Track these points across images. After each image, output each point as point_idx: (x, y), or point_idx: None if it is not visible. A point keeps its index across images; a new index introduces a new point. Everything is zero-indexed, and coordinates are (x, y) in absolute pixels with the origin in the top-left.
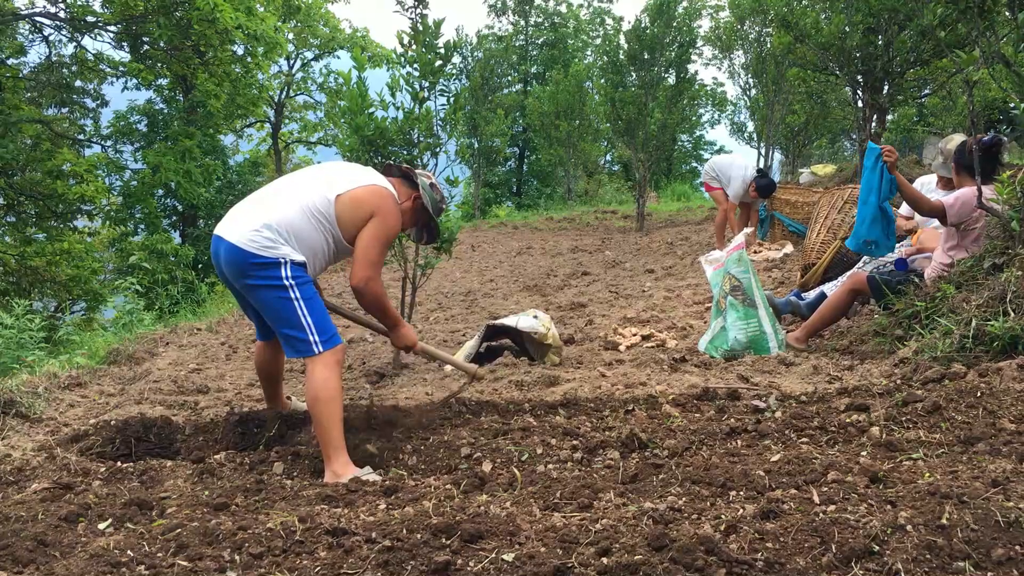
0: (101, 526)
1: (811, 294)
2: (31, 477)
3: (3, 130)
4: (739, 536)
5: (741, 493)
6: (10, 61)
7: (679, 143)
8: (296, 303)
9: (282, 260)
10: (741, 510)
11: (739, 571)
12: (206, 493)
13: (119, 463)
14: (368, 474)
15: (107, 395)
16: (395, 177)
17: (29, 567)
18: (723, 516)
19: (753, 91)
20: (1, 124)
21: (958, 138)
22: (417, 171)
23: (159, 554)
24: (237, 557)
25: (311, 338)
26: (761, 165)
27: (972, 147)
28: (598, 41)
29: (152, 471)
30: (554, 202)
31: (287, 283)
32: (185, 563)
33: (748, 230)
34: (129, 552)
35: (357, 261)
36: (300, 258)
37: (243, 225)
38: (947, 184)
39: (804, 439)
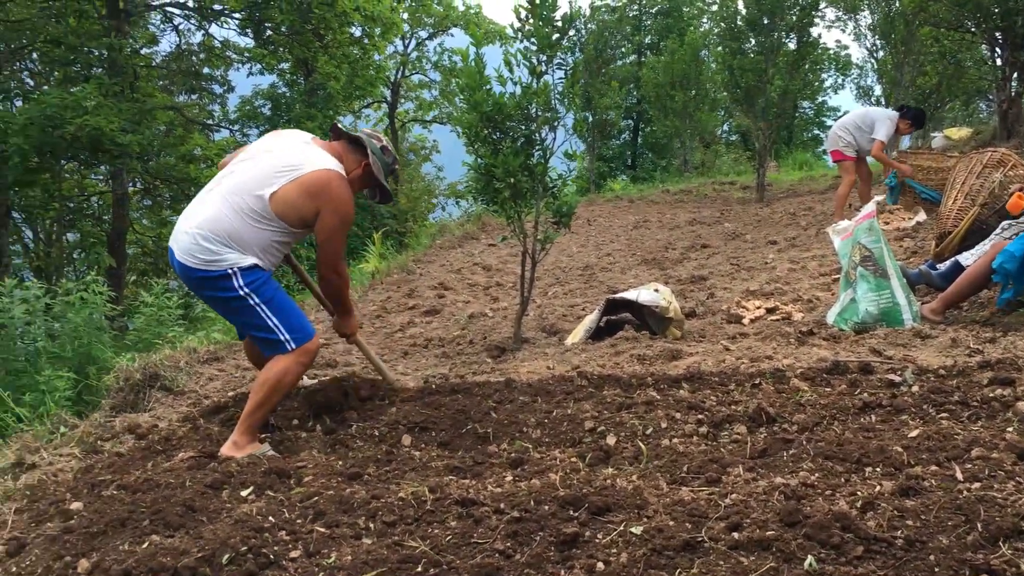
0: (243, 493)
1: (945, 264)
2: (177, 446)
3: (139, 117)
4: (877, 513)
5: (877, 469)
6: (143, 51)
7: (800, 110)
8: (259, 308)
9: (230, 271)
10: (878, 487)
11: (877, 549)
12: (340, 463)
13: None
14: (267, 451)
15: (243, 369)
16: (341, 141)
17: (180, 531)
18: (859, 493)
19: (880, 53)
20: (137, 112)
21: None
22: (367, 132)
23: (298, 520)
24: (372, 525)
25: (282, 337)
26: None
27: None
28: (714, 7)
29: (288, 441)
30: (670, 174)
31: (242, 292)
32: (323, 529)
33: (879, 198)
34: (271, 518)
35: (322, 257)
36: (249, 262)
37: (184, 239)
38: None
39: (944, 414)
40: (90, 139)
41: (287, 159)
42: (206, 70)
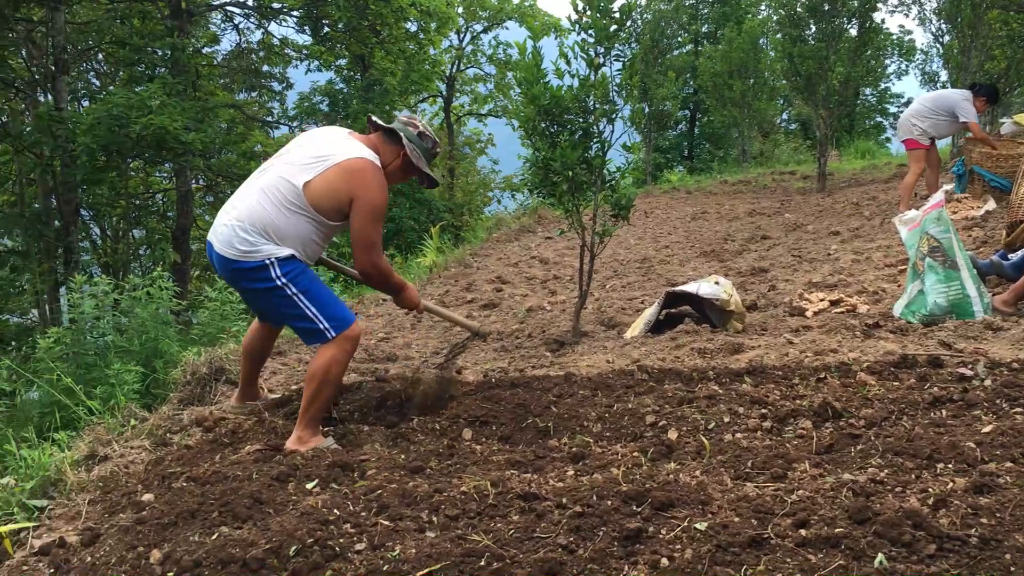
0: (309, 486)
1: (1017, 254)
2: (243, 439)
3: (202, 116)
4: (949, 511)
5: (949, 466)
6: (205, 50)
7: (862, 97)
8: (296, 298)
9: (267, 262)
10: (951, 484)
11: (951, 547)
12: (402, 457)
13: (320, 427)
14: (331, 444)
15: (305, 363)
16: (378, 133)
17: (247, 523)
18: (931, 489)
19: (946, 37)
20: (200, 110)
21: None
22: (403, 120)
23: (363, 513)
24: (435, 518)
25: (321, 326)
26: None
27: None
28: None
29: (351, 435)
30: (727, 165)
31: (280, 283)
32: (387, 523)
33: (947, 187)
34: (336, 511)
35: (357, 248)
36: (286, 252)
37: (223, 231)
38: None
39: (1018, 409)
40: (155, 138)
41: (322, 150)
42: (265, 68)
